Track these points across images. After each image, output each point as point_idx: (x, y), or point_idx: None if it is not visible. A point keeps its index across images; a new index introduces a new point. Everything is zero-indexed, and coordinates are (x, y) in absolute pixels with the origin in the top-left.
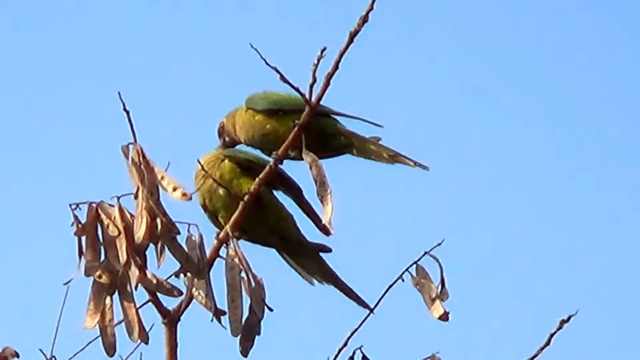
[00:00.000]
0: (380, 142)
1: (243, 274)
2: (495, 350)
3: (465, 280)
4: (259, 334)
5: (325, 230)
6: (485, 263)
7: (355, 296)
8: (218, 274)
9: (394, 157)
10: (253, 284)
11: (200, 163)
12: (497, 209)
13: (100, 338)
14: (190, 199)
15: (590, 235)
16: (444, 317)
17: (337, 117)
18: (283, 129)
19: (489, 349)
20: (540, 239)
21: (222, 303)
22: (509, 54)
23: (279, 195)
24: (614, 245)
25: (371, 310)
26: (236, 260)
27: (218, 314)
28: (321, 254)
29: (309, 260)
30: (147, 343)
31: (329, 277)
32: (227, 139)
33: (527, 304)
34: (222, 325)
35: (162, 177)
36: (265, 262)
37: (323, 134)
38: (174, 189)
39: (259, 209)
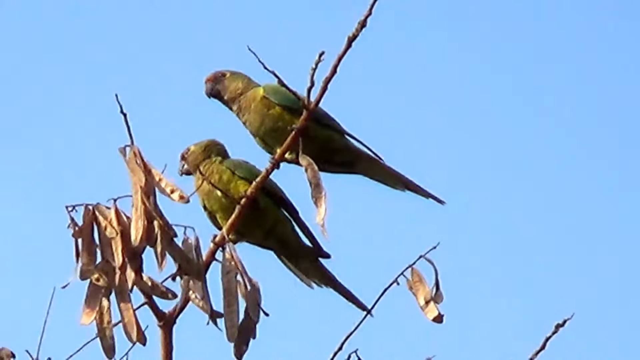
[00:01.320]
0: (394, 169)
1: (239, 278)
2: (490, 353)
3: (460, 284)
4: (254, 337)
5: (321, 252)
6: (481, 266)
7: (354, 298)
8: (213, 277)
9: (408, 186)
10: (249, 287)
11: (199, 168)
12: (493, 212)
13: (99, 340)
14: (188, 201)
15: (585, 239)
16: (439, 319)
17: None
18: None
19: (483, 353)
20: (536, 242)
21: (217, 306)
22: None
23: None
24: (610, 249)
25: (369, 312)
26: (232, 264)
27: (214, 316)
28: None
29: (307, 263)
30: (144, 344)
31: (328, 280)
32: (218, 88)
33: (522, 308)
34: (218, 327)
35: (160, 180)
36: (260, 264)
37: (328, 147)
38: (172, 192)
39: (256, 213)
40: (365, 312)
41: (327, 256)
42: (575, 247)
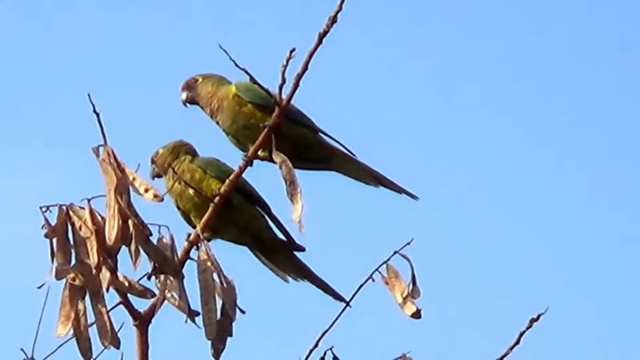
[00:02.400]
0: (367, 165)
1: (215, 276)
2: (464, 348)
3: (434, 280)
4: (230, 335)
5: (295, 246)
6: (454, 262)
7: (331, 290)
8: (188, 276)
9: (381, 181)
10: (225, 285)
11: (172, 168)
12: (467, 207)
13: (75, 342)
14: (162, 200)
15: (560, 234)
16: (416, 314)
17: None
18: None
19: (458, 348)
20: (510, 237)
21: (193, 305)
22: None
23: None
24: (584, 244)
25: (347, 304)
26: (208, 263)
27: (192, 314)
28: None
29: (282, 257)
30: (118, 348)
31: (303, 272)
32: (190, 94)
33: (497, 303)
34: (197, 325)
35: (134, 179)
36: (233, 260)
37: (302, 144)
38: (146, 190)
39: (230, 210)
40: (342, 305)
41: (302, 249)
42: (549, 242)
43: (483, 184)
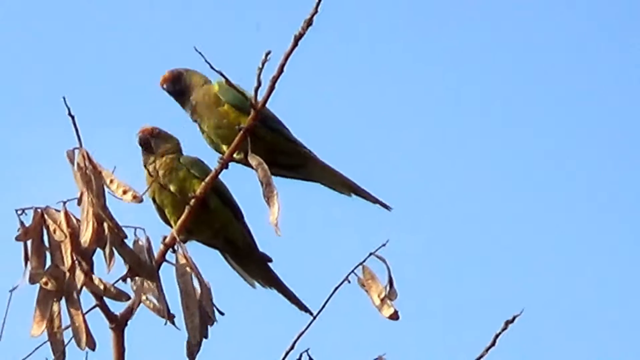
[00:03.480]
0: (341, 173)
1: (194, 280)
2: (440, 350)
3: (410, 281)
4: (206, 337)
5: (266, 257)
6: (431, 263)
7: (297, 301)
8: (163, 278)
9: (354, 190)
10: (202, 288)
11: (147, 168)
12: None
13: (49, 345)
14: (142, 201)
15: (534, 236)
16: (394, 316)
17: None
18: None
19: (433, 350)
20: (485, 240)
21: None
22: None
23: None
24: (559, 246)
25: (314, 317)
26: (187, 267)
27: (170, 317)
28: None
29: (252, 263)
30: (94, 350)
31: (272, 281)
32: (177, 88)
33: (472, 305)
34: (177, 327)
35: (111, 181)
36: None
37: (276, 149)
38: (124, 192)
39: (206, 212)
40: (310, 315)
41: (269, 260)
42: (524, 244)
43: (458, 186)
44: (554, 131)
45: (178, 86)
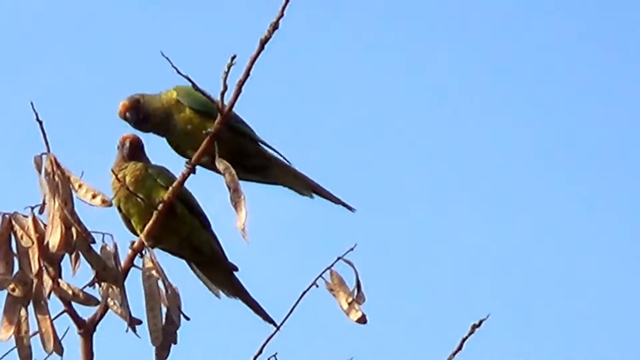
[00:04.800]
0: (304, 174)
1: (160, 283)
2: (407, 354)
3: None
4: (175, 342)
5: (232, 267)
6: (398, 267)
7: (261, 312)
8: (132, 284)
9: (318, 192)
10: (169, 292)
11: (114, 172)
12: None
13: (16, 350)
14: (111, 205)
15: (501, 240)
16: (362, 320)
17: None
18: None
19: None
20: (451, 243)
21: (137, 312)
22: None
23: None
24: (526, 249)
25: (278, 328)
26: (153, 271)
27: (133, 323)
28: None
29: (218, 272)
30: (61, 355)
31: (237, 291)
32: (141, 117)
33: (439, 309)
34: (137, 334)
35: (80, 186)
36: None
37: (240, 151)
38: (94, 197)
39: (173, 219)
40: (274, 325)
41: (235, 269)
42: (490, 248)
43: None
44: (514, 134)
45: (141, 113)
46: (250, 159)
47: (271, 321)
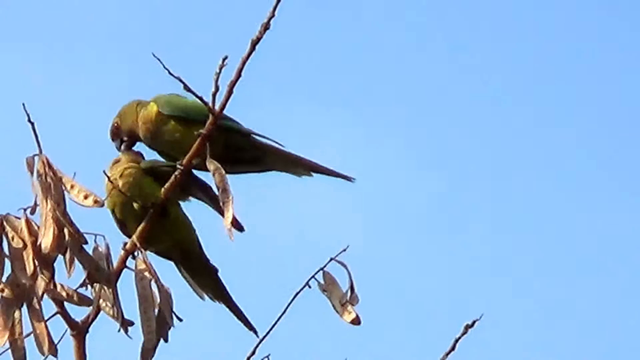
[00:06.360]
0: (298, 155)
1: (152, 284)
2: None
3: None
4: (166, 340)
5: (238, 226)
6: (392, 269)
7: (244, 319)
8: (124, 285)
9: (314, 169)
10: (162, 293)
11: (106, 174)
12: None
13: (10, 352)
14: (103, 205)
15: (493, 239)
16: (356, 321)
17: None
18: (191, 138)
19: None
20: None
21: (129, 313)
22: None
23: (190, 205)
24: (518, 249)
25: (261, 339)
26: (146, 272)
27: (125, 324)
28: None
29: (204, 276)
30: (56, 356)
31: (222, 296)
32: (125, 139)
33: (432, 309)
34: (128, 336)
35: (72, 186)
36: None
37: (233, 146)
38: (85, 197)
39: (165, 220)
40: (256, 335)
41: (215, 270)
42: (483, 247)
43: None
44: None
45: (123, 134)
46: (244, 152)
47: (253, 330)
